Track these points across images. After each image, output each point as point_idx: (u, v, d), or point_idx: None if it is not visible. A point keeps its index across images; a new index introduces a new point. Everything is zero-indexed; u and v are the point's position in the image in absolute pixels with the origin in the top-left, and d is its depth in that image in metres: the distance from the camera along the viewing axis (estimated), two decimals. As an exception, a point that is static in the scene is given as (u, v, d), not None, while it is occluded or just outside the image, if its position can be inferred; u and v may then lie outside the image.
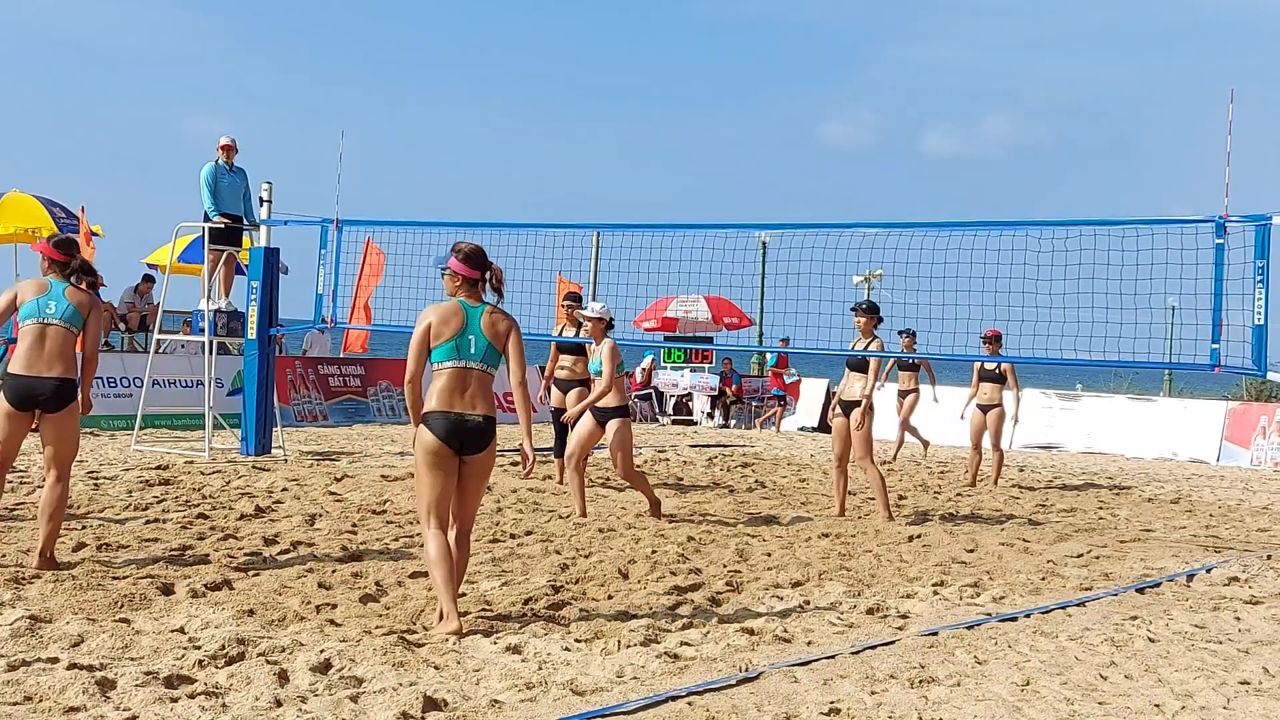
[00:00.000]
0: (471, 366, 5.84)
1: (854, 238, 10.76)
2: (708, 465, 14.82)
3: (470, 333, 5.85)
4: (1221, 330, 9.03)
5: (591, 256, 18.16)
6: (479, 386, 5.86)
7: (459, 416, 5.79)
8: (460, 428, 5.79)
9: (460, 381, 5.82)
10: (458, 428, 5.79)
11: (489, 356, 5.88)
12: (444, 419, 5.79)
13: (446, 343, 5.82)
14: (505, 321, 5.96)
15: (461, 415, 5.80)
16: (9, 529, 7.93)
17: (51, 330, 6.78)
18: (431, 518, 5.83)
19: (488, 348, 5.87)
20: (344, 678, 4.90)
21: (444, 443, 5.78)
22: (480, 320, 5.89)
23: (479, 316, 5.89)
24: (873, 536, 9.32)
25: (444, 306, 5.91)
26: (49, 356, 6.76)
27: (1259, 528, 11.20)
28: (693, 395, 24.12)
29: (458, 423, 5.79)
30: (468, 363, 5.83)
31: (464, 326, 5.85)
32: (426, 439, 5.80)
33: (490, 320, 5.90)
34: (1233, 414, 19.74)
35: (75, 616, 5.66)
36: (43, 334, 6.77)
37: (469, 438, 5.81)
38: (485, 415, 5.84)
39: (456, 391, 5.82)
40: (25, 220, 17.24)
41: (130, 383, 15.91)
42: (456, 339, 5.82)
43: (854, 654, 5.61)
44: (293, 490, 10.40)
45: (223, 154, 13.31)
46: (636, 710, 4.66)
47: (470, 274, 5.92)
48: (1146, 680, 5.42)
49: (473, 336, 5.85)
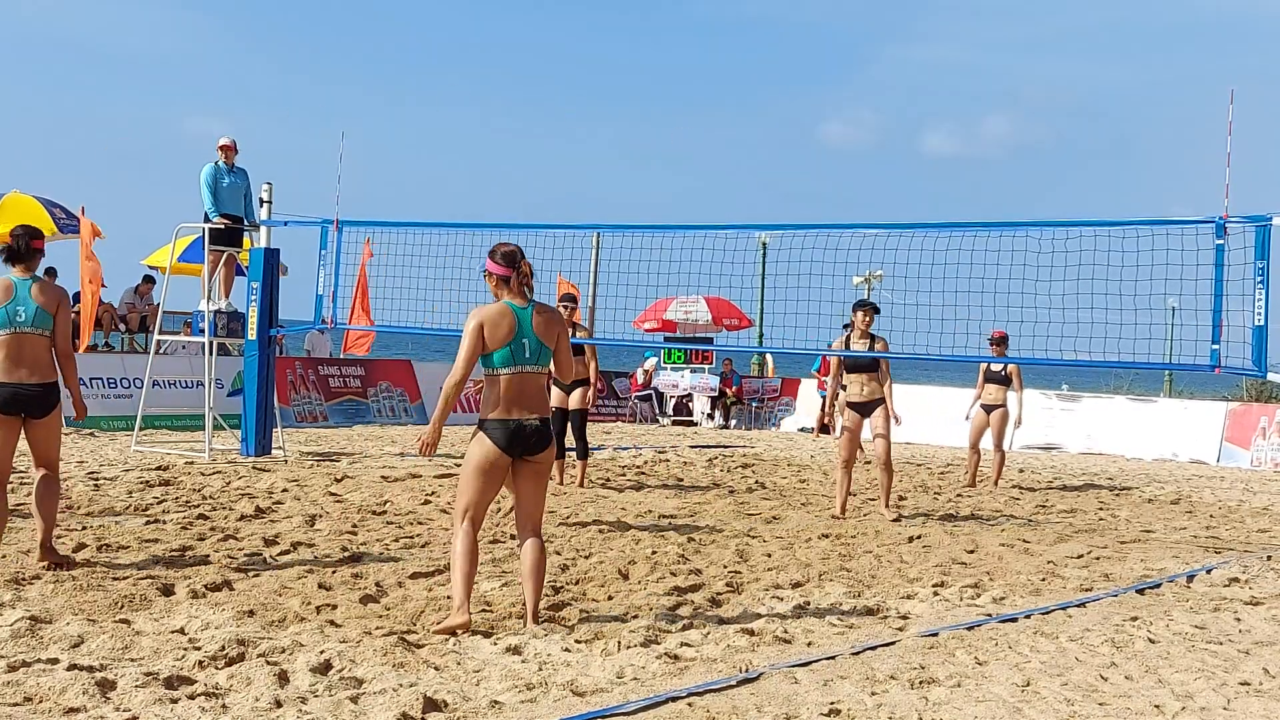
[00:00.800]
0: (528, 371, 5.76)
1: (854, 238, 10.77)
2: (708, 466, 14.82)
3: (524, 336, 5.76)
4: (1222, 331, 9.03)
5: (591, 257, 18.17)
6: (536, 389, 5.82)
7: (519, 424, 5.73)
8: (521, 434, 5.74)
9: (519, 388, 5.75)
10: (518, 435, 5.74)
11: (543, 357, 5.83)
12: (504, 427, 5.72)
13: (501, 349, 5.71)
14: (558, 323, 5.91)
15: (521, 422, 5.74)
16: (9, 529, 7.93)
17: (26, 339, 6.70)
18: (468, 518, 5.79)
19: (541, 349, 5.80)
20: (344, 678, 4.90)
21: (504, 451, 5.74)
22: (531, 321, 5.79)
23: (529, 318, 5.79)
24: (873, 537, 9.32)
25: (493, 309, 5.79)
26: (29, 364, 6.71)
27: (1259, 528, 11.20)
28: (693, 396, 24.12)
29: (518, 430, 5.73)
30: (523, 367, 5.75)
31: (516, 330, 5.75)
32: (486, 447, 5.73)
33: (541, 320, 5.82)
34: (1233, 415, 19.74)
35: (75, 617, 5.65)
36: (19, 343, 6.69)
37: (530, 442, 5.77)
38: (542, 417, 5.81)
39: (516, 398, 5.74)
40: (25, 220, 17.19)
41: (130, 383, 15.91)
42: (511, 344, 5.72)
43: (854, 655, 5.61)
44: (293, 491, 10.40)
45: (223, 155, 13.31)
46: (637, 711, 4.66)
47: (504, 272, 5.82)
48: (1147, 681, 5.42)
49: (526, 340, 5.76)
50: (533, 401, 5.78)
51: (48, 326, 6.77)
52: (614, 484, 12.22)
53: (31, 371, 6.70)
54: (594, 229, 13.94)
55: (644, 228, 11.84)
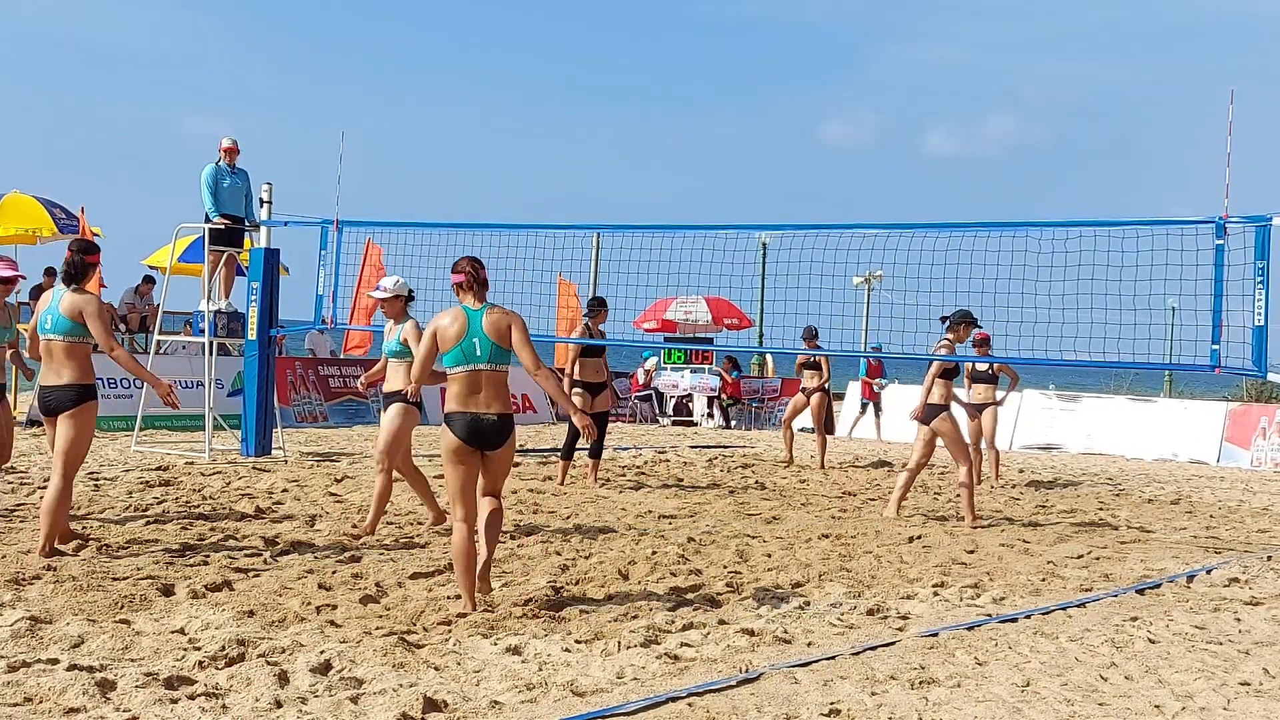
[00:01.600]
0: (480, 369, 6.09)
1: (854, 238, 10.77)
2: (708, 466, 14.82)
3: (474, 336, 6.09)
4: (1222, 331, 9.03)
5: (591, 257, 18.17)
6: (491, 386, 6.12)
7: (475, 416, 6.11)
8: (477, 427, 6.10)
9: (472, 385, 6.11)
10: (475, 427, 6.10)
11: (495, 355, 6.11)
12: (461, 419, 6.11)
13: (453, 349, 6.10)
14: (505, 318, 6.18)
15: (477, 415, 6.11)
16: (9, 530, 7.93)
17: (53, 345, 7.23)
18: (459, 507, 6.20)
19: (493, 348, 6.10)
20: (344, 679, 4.90)
21: (464, 441, 6.11)
22: (481, 322, 6.12)
23: (480, 318, 6.13)
24: (873, 537, 9.32)
25: (445, 314, 6.21)
26: (57, 367, 7.24)
27: (1259, 529, 11.19)
28: (693, 396, 24.12)
29: (474, 422, 6.10)
30: (475, 365, 6.09)
31: (466, 331, 6.10)
32: (448, 438, 6.13)
33: (491, 320, 6.13)
34: (1233, 415, 19.73)
35: (75, 617, 5.65)
36: (49, 349, 7.26)
37: (486, 435, 6.13)
38: (500, 414, 6.13)
39: (471, 394, 6.11)
40: (25, 221, 17.25)
41: (130, 383, 15.90)
42: (461, 344, 6.09)
43: (854, 655, 5.61)
44: (293, 491, 10.40)
45: (225, 155, 13.31)
46: (636, 711, 4.66)
47: (459, 279, 6.22)
48: (1147, 681, 5.42)
49: (476, 340, 6.09)
50: (490, 397, 6.12)
51: (76, 332, 7.20)
52: (614, 484, 12.22)
53: (59, 374, 7.23)
54: (594, 229, 13.95)
55: (644, 228, 11.85)
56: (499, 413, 6.12)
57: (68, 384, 7.18)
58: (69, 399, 7.17)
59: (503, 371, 6.16)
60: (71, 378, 7.19)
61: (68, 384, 7.18)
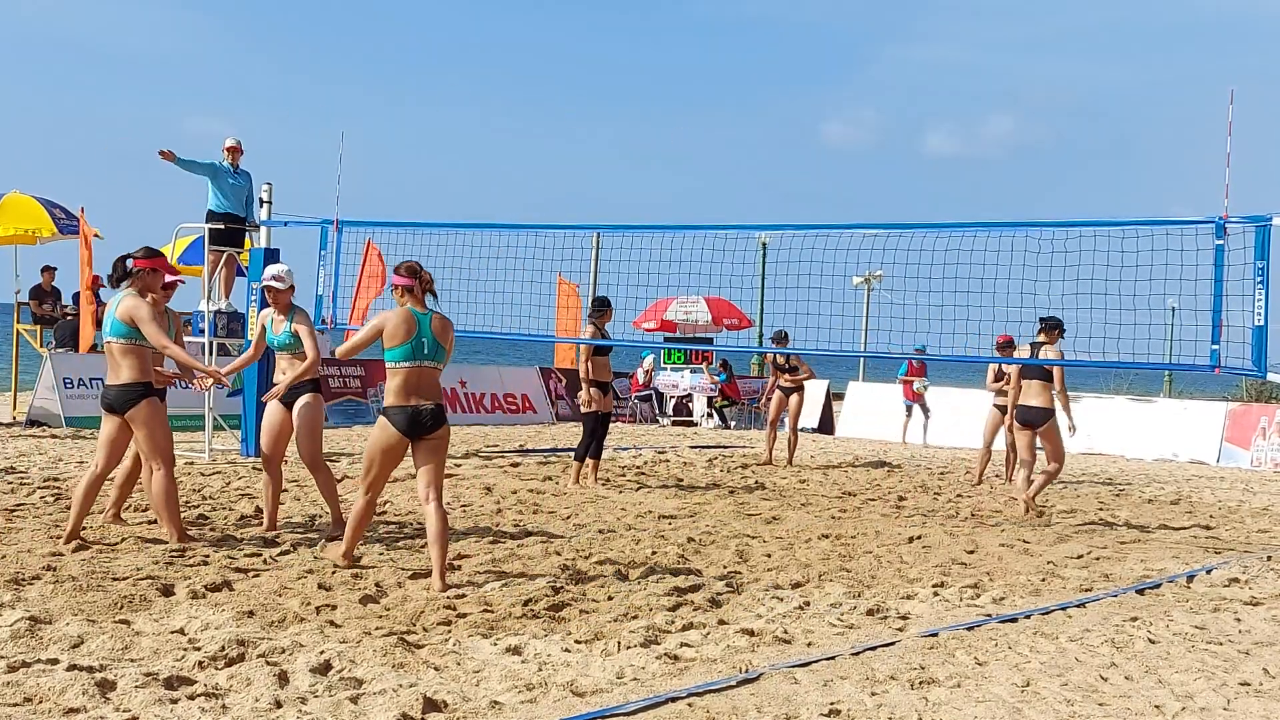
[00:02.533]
0: (426, 365, 6.78)
1: (854, 238, 10.75)
2: (708, 466, 14.82)
3: (423, 336, 6.78)
4: (1221, 331, 9.03)
5: (591, 257, 18.16)
6: (431, 381, 6.82)
7: (415, 409, 6.73)
8: (417, 418, 6.74)
9: (416, 379, 6.76)
10: (416, 419, 6.74)
11: (439, 354, 6.85)
12: (402, 412, 6.73)
13: (403, 345, 6.73)
14: (446, 323, 6.97)
15: (418, 408, 6.74)
16: (9, 529, 7.93)
17: (113, 346, 7.63)
18: (369, 491, 6.98)
19: (438, 347, 6.83)
20: (344, 679, 4.90)
21: (403, 434, 6.75)
22: (430, 325, 6.81)
23: (428, 322, 6.82)
24: (873, 537, 9.32)
25: (396, 313, 6.81)
26: (114, 369, 7.64)
27: (1259, 528, 11.20)
28: (692, 396, 24.13)
29: (415, 415, 6.74)
30: (422, 362, 6.77)
31: (417, 330, 6.76)
32: (389, 431, 6.77)
33: (438, 323, 6.87)
34: (1233, 415, 19.74)
35: (75, 618, 5.65)
36: (109, 349, 7.69)
37: (423, 425, 6.75)
38: (436, 404, 6.80)
39: (413, 387, 6.74)
40: (25, 220, 17.21)
41: (130, 383, 15.89)
42: (411, 341, 6.74)
43: (854, 655, 5.61)
44: (293, 491, 10.39)
45: (228, 155, 13.31)
46: (636, 711, 4.66)
47: (408, 283, 6.83)
48: (1147, 681, 5.42)
49: (425, 339, 6.78)
50: (428, 390, 6.79)
51: (133, 336, 7.59)
52: (614, 484, 12.22)
53: (115, 374, 7.64)
54: (594, 229, 13.92)
55: (644, 228, 11.83)
56: (435, 403, 6.77)
57: (126, 383, 7.57)
58: (129, 398, 7.55)
59: (440, 369, 6.87)
60: (130, 377, 7.57)
61: (126, 383, 7.57)
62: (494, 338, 13.45)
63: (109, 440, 7.71)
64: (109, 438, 7.71)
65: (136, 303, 7.59)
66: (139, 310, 7.54)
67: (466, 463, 13.57)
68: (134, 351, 7.59)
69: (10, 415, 17.06)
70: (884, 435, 21.69)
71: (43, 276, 18.16)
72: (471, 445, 16.02)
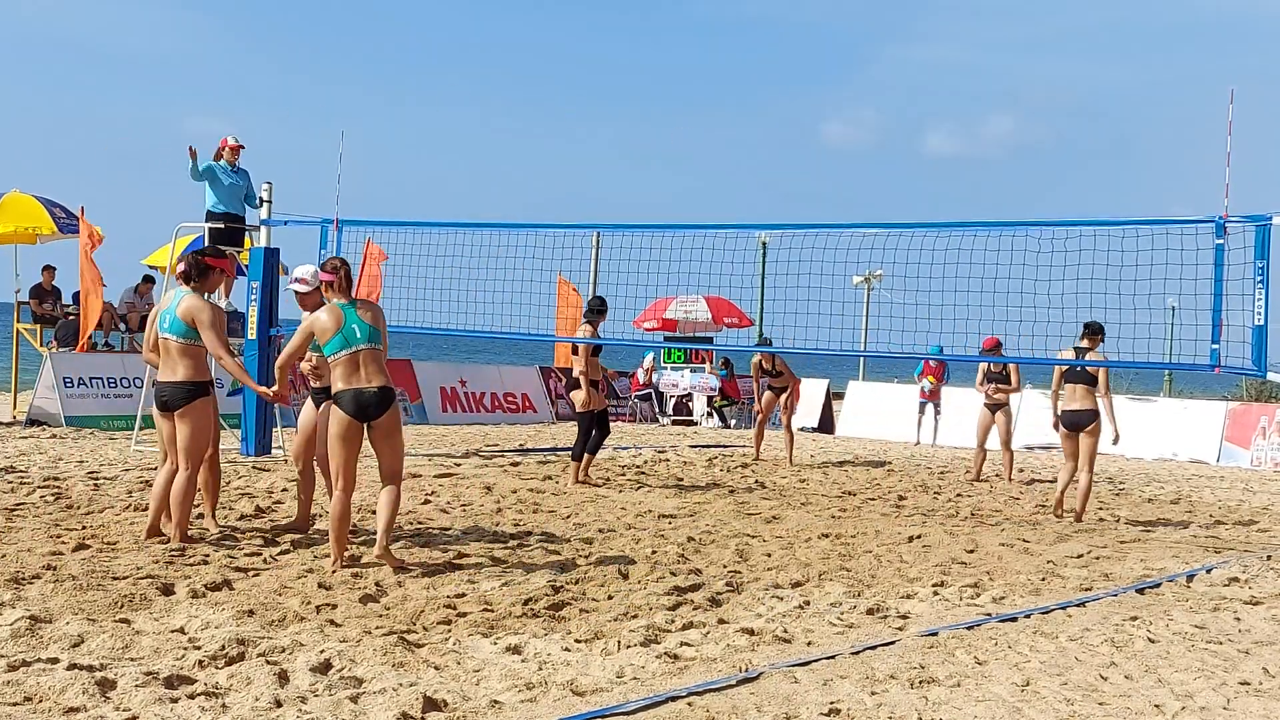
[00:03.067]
0: (360, 348, 7.04)
1: (854, 238, 10.77)
2: (708, 466, 14.82)
3: (352, 323, 7.08)
4: (1221, 330, 9.04)
5: (591, 257, 18.17)
6: (370, 363, 7.07)
7: (358, 390, 7.01)
8: (360, 399, 7.00)
9: (354, 364, 7.04)
10: (359, 400, 7.00)
11: (372, 336, 7.10)
12: (346, 395, 7.00)
13: (334, 338, 7.04)
14: (374, 309, 7.28)
15: (360, 389, 7.01)
16: (9, 529, 7.93)
17: (171, 344, 7.62)
18: (340, 481, 7.07)
19: (372, 330, 7.11)
20: (344, 678, 4.90)
21: (352, 417, 6.99)
22: (355, 311, 7.13)
23: (353, 310, 7.14)
24: (873, 537, 9.32)
25: (323, 309, 7.17)
26: (170, 366, 7.65)
27: (1259, 528, 11.19)
28: (693, 396, 24.12)
29: (358, 396, 7.00)
30: (356, 346, 7.04)
31: (344, 321, 7.06)
32: (338, 416, 7.02)
33: (365, 310, 7.18)
34: (1233, 414, 19.74)
35: (75, 617, 5.65)
36: (166, 347, 7.65)
37: (369, 406, 7.01)
38: (380, 386, 7.06)
39: (354, 373, 7.03)
40: (25, 220, 17.22)
41: (130, 383, 15.91)
42: (342, 332, 7.05)
43: (854, 654, 5.61)
44: (293, 491, 10.38)
45: (229, 154, 13.31)
46: (636, 711, 4.66)
47: (330, 278, 7.20)
48: (1147, 681, 5.42)
49: (355, 325, 7.08)
50: (371, 373, 7.06)
51: (191, 335, 7.59)
52: (614, 484, 12.22)
53: (173, 370, 7.64)
54: (594, 229, 13.94)
55: (644, 227, 11.84)
56: (379, 385, 7.04)
57: (181, 380, 7.60)
58: (182, 395, 7.58)
59: (378, 350, 7.11)
60: (186, 375, 7.60)
61: (181, 380, 7.60)
62: (494, 337, 13.45)
63: (171, 438, 7.69)
64: (170, 436, 7.70)
65: (201, 304, 7.60)
66: (202, 314, 7.55)
67: (466, 462, 13.56)
68: (192, 352, 7.62)
69: (10, 414, 17.06)
70: (884, 435, 21.68)
71: (43, 276, 18.15)
72: (471, 444, 16.02)
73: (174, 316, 7.60)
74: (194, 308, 7.57)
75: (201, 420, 7.62)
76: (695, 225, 11.80)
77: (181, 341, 7.59)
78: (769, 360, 15.36)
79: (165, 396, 7.65)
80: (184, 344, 7.59)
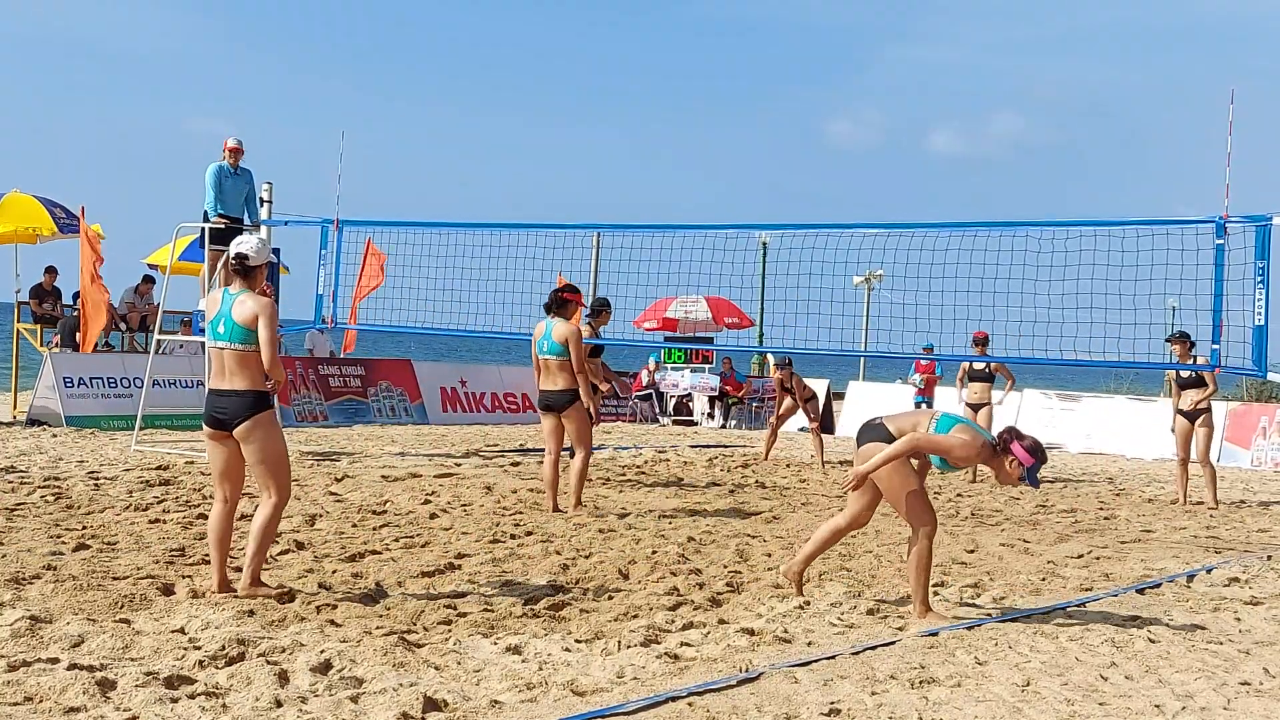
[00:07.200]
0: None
1: (854, 238, 10.79)
2: (708, 466, 14.82)
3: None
4: (1222, 331, 9.05)
5: (592, 257, 18.18)
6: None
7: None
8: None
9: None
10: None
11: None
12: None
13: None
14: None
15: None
16: (9, 529, 7.93)
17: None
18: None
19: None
20: (344, 678, 4.90)
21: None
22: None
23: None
24: (873, 537, 9.32)
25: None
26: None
27: (1259, 528, 11.19)
28: (693, 396, 24.12)
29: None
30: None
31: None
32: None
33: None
34: (1233, 415, 19.73)
35: (75, 617, 5.65)
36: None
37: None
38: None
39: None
40: (25, 220, 17.24)
41: (130, 383, 15.91)
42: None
43: (854, 654, 5.60)
44: (293, 490, 10.38)
45: (229, 155, 13.32)
46: (637, 711, 4.66)
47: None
48: (1147, 681, 5.42)
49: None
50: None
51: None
52: (614, 484, 12.22)
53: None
54: (594, 229, 13.96)
55: (644, 227, 11.87)
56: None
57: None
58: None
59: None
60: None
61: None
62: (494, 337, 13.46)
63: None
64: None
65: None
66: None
67: (467, 462, 13.56)
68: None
69: (10, 414, 17.06)
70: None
71: (44, 276, 18.16)
72: (471, 444, 16.02)
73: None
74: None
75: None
76: (695, 225, 11.84)
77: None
78: (788, 378, 15.38)
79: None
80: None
